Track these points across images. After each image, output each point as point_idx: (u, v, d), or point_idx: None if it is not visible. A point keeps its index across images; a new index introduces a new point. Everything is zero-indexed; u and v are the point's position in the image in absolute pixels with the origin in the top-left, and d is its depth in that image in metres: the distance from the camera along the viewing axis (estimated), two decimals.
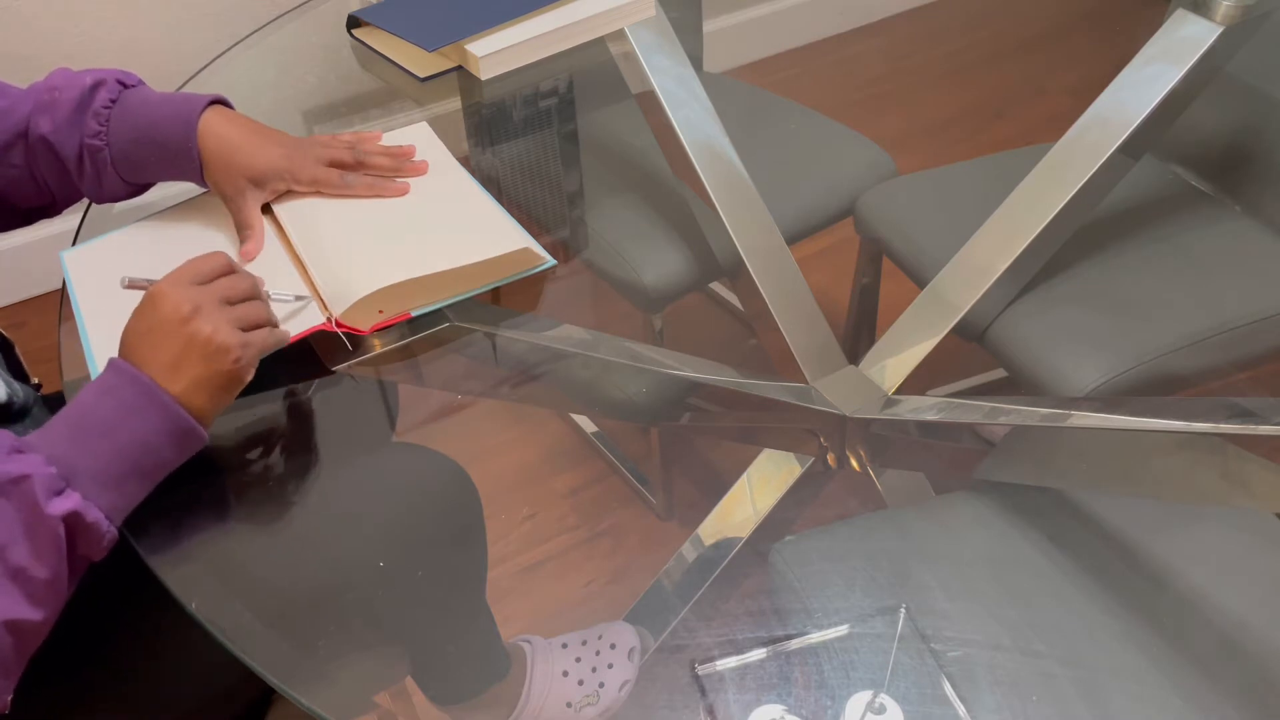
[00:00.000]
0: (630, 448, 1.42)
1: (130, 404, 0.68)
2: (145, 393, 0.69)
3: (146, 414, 0.69)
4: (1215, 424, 0.84)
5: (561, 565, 1.27)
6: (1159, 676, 0.75)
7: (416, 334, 0.90)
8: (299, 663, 0.75)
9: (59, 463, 0.64)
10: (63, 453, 0.65)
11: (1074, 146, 1.08)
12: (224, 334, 0.71)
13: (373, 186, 0.94)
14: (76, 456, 0.66)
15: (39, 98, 0.88)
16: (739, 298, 1.16)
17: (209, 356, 0.71)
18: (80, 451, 0.66)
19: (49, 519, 0.63)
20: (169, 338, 0.70)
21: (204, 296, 0.73)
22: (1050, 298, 1.09)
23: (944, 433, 0.98)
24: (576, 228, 1.24)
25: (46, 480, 0.63)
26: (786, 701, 0.70)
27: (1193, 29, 1.07)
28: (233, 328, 0.73)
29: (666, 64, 1.24)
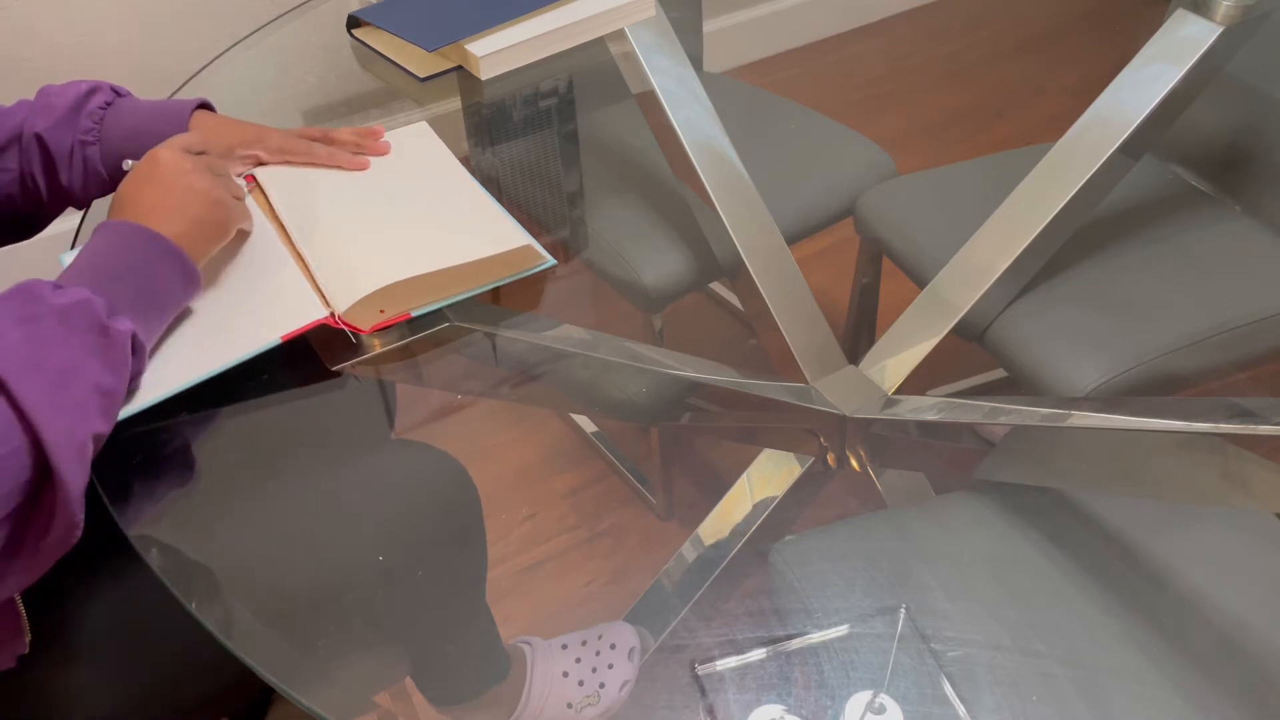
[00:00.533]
0: (630, 448, 1.42)
1: (143, 250, 0.75)
2: (154, 241, 0.76)
3: (162, 260, 0.76)
4: (1215, 424, 0.84)
5: (561, 565, 1.27)
6: (1159, 676, 0.75)
7: (416, 334, 0.90)
8: (299, 663, 0.75)
9: (101, 296, 0.70)
10: (97, 289, 0.71)
11: (1074, 146, 1.08)
12: (218, 190, 0.81)
13: (333, 155, 0.99)
14: (111, 292, 0.71)
15: (35, 104, 0.93)
16: (739, 298, 1.16)
17: (206, 205, 0.80)
18: (112, 289, 0.72)
19: (117, 333, 0.69)
20: (170, 189, 0.79)
21: (199, 160, 0.82)
22: (1050, 298, 1.09)
23: (944, 433, 0.98)
24: (576, 228, 1.24)
25: (101, 305, 0.69)
26: (786, 701, 0.70)
27: (1193, 29, 1.07)
28: (222, 188, 0.82)
29: (666, 64, 1.24)
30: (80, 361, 0.67)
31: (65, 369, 0.66)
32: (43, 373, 0.64)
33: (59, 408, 0.64)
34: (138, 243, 0.75)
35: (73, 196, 0.94)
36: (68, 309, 0.67)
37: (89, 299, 0.68)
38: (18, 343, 0.65)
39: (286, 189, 0.95)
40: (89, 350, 0.67)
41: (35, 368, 0.64)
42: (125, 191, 0.80)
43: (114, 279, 0.73)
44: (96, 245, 0.75)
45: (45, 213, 0.96)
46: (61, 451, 0.63)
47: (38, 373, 0.64)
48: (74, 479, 0.64)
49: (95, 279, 0.72)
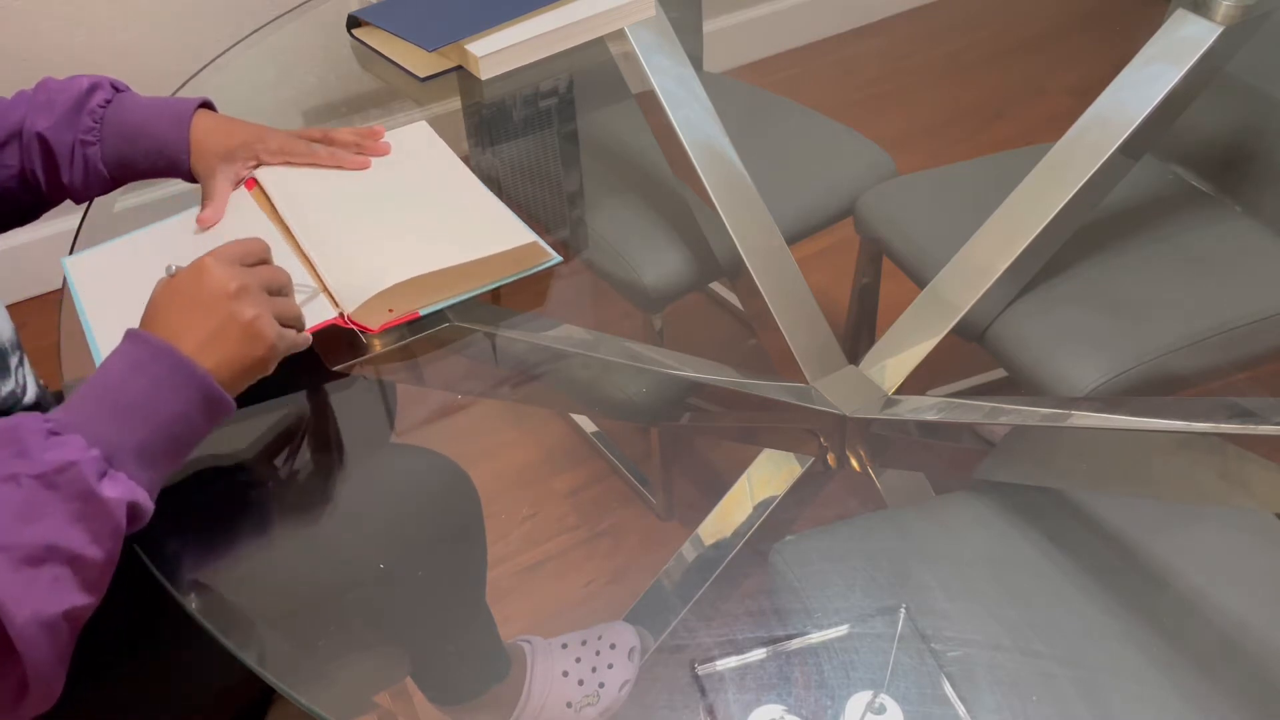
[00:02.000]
0: (630, 448, 1.42)
1: (163, 379, 0.67)
2: (178, 367, 0.67)
3: (181, 389, 0.67)
4: (1215, 424, 0.84)
5: (561, 565, 1.27)
6: (1159, 676, 0.75)
7: (416, 334, 0.90)
8: (299, 663, 0.75)
9: (100, 443, 0.63)
10: (102, 432, 0.64)
11: (1074, 146, 1.08)
12: (265, 321, 0.71)
13: (334, 155, 0.98)
14: (116, 435, 0.64)
15: (34, 99, 0.92)
16: (739, 298, 1.16)
17: (246, 339, 0.70)
18: (119, 430, 0.65)
19: (105, 502, 0.62)
20: (210, 312, 0.70)
21: (249, 279, 0.72)
22: (1050, 298, 1.09)
23: (944, 433, 0.98)
24: (576, 228, 1.24)
25: (93, 464, 0.62)
26: (786, 701, 0.70)
27: (1193, 29, 1.07)
28: (271, 317, 0.72)
29: (666, 64, 1.24)
30: (60, 533, 0.60)
31: (40, 543, 0.59)
32: (13, 551, 0.58)
33: (27, 588, 0.58)
34: (162, 370, 0.67)
35: (73, 193, 0.94)
36: (53, 474, 0.60)
37: (76, 461, 0.61)
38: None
39: (288, 189, 0.95)
40: (72, 519, 0.61)
41: (4, 542, 0.58)
42: (160, 302, 0.72)
43: (126, 414, 0.65)
44: (117, 365, 0.67)
45: (44, 204, 0.96)
46: (26, 634, 0.58)
47: (7, 548, 0.58)
48: (42, 658, 0.59)
49: (103, 414, 0.65)
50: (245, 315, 0.70)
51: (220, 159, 0.94)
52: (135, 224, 0.96)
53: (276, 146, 0.96)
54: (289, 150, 0.97)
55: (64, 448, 0.61)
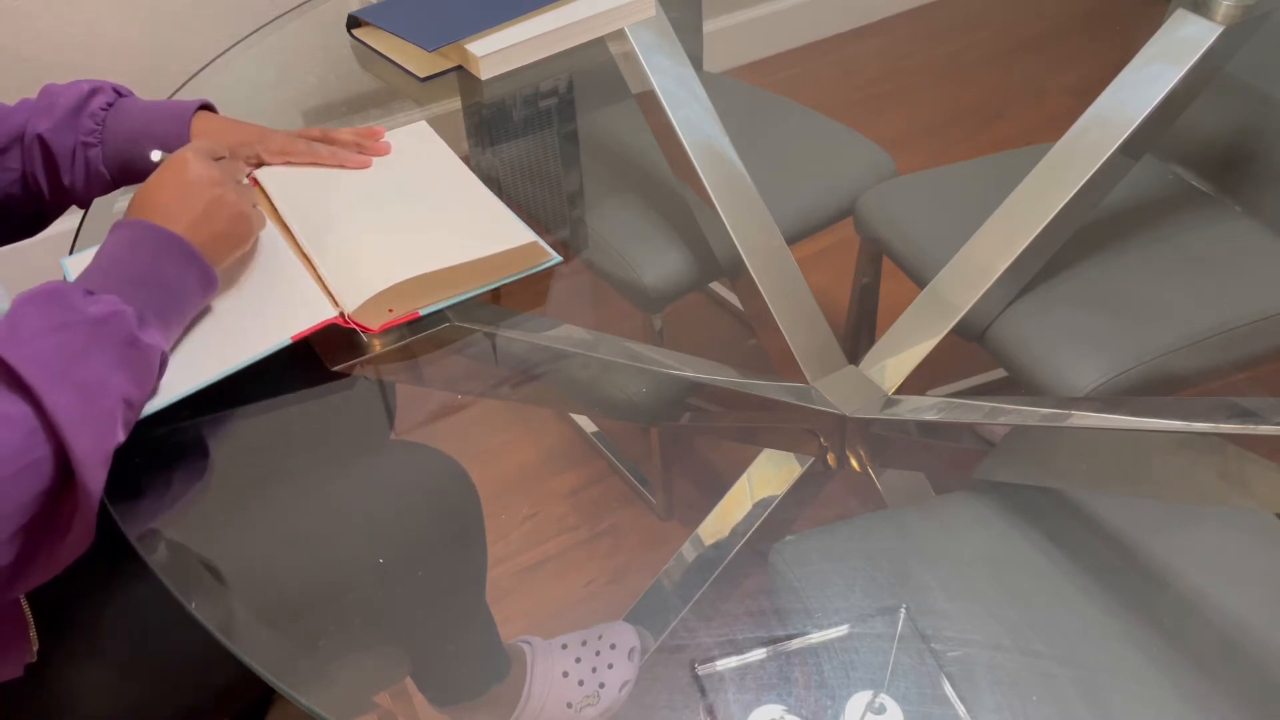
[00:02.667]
0: (630, 448, 1.42)
1: (163, 253, 0.75)
2: (173, 243, 0.75)
3: (179, 263, 0.76)
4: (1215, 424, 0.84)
5: (561, 565, 1.27)
6: (1159, 676, 0.75)
7: (416, 334, 0.90)
8: (299, 663, 0.75)
9: (130, 303, 0.70)
10: (128, 296, 0.71)
11: (1074, 146, 1.08)
12: (245, 204, 0.82)
13: (335, 155, 0.99)
14: (138, 298, 0.71)
15: (36, 104, 0.92)
16: (739, 298, 1.16)
17: (231, 219, 0.80)
18: (138, 295, 0.72)
19: (147, 347, 0.70)
20: (196, 197, 0.78)
21: (224, 170, 0.82)
22: (1050, 298, 1.09)
23: (944, 433, 0.98)
24: (576, 228, 1.24)
25: (133, 315, 0.70)
26: (786, 701, 0.70)
27: (1193, 29, 1.07)
28: (246, 201, 0.83)
29: (666, 64, 1.24)
30: (111, 374, 0.67)
31: (96, 381, 0.66)
32: (75, 384, 0.64)
33: (88, 421, 0.64)
34: (162, 246, 0.75)
35: (75, 196, 0.94)
36: (101, 320, 0.67)
37: (121, 310, 0.69)
38: (50, 352, 0.64)
39: (289, 189, 0.95)
40: (119, 362, 0.68)
41: (67, 379, 0.64)
42: (150, 192, 0.79)
43: (139, 284, 0.73)
44: (119, 246, 0.75)
45: (47, 212, 0.96)
46: (88, 465, 0.63)
47: (70, 384, 0.64)
48: (97, 491, 0.65)
49: (121, 283, 0.72)
50: (228, 198, 0.80)
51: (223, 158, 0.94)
52: None
53: (277, 146, 0.96)
54: (290, 150, 0.97)
55: (105, 302, 0.69)
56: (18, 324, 0.65)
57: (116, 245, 0.75)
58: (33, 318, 0.66)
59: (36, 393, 0.62)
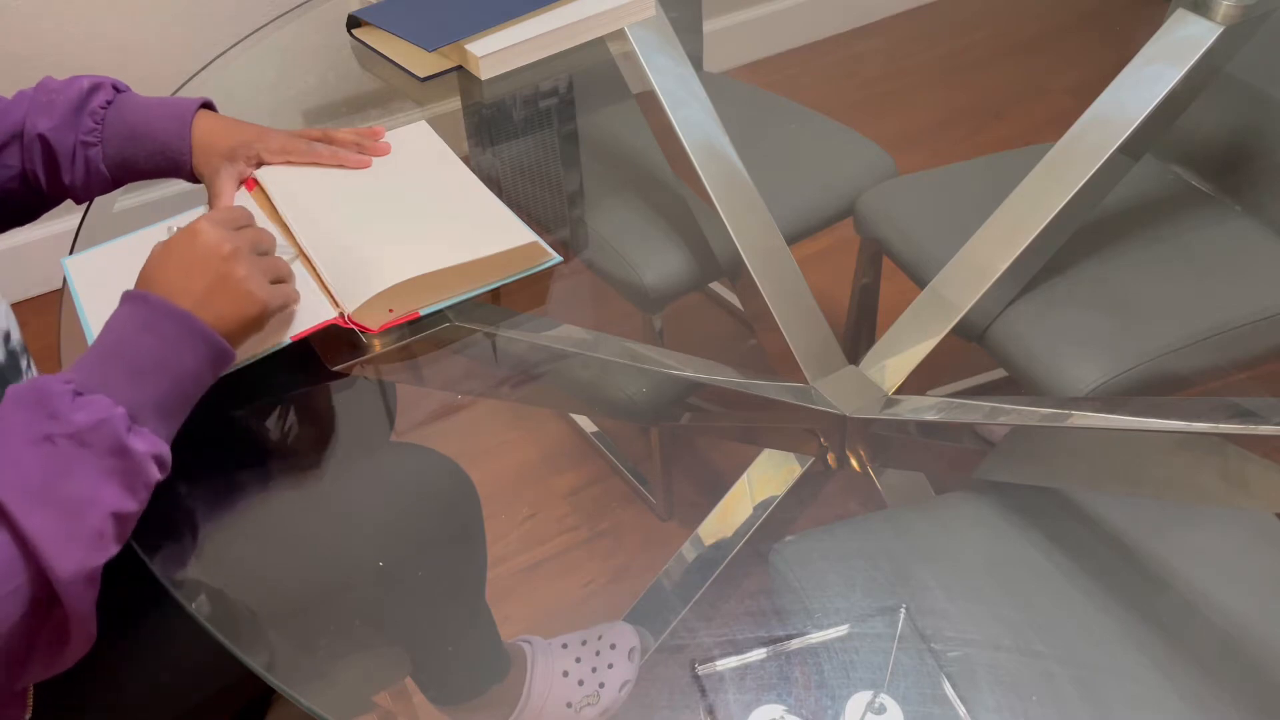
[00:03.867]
0: (630, 448, 1.42)
1: (172, 336, 0.69)
2: (185, 324, 0.70)
3: (191, 346, 0.70)
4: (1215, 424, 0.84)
5: (561, 565, 1.27)
6: (1159, 676, 0.75)
7: (417, 334, 0.90)
8: (299, 663, 0.75)
9: (124, 402, 0.66)
10: (123, 391, 0.66)
11: (1074, 146, 1.08)
12: (256, 281, 0.74)
13: (336, 155, 0.98)
14: (137, 393, 0.67)
15: (36, 99, 0.92)
16: (739, 298, 1.16)
17: (239, 298, 0.73)
18: (138, 388, 0.67)
19: (138, 455, 0.65)
20: (204, 271, 0.72)
21: (240, 240, 0.75)
22: (1050, 298, 1.09)
23: (944, 433, 0.98)
24: (576, 228, 1.24)
25: (121, 421, 0.64)
26: (786, 701, 0.70)
27: (1193, 29, 1.07)
28: (263, 277, 0.76)
29: (666, 64, 1.24)
30: (97, 488, 0.63)
31: (81, 499, 0.62)
32: (57, 504, 0.61)
33: (72, 540, 0.61)
34: (168, 327, 0.69)
35: (74, 193, 0.94)
36: (86, 431, 0.63)
37: (108, 417, 0.63)
38: (31, 469, 0.61)
39: (288, 189, 0.95)
40: (106, 474, 0.64)
41: (48, 500, 0.61)
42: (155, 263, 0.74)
43: (138, 375, 0.67)
44: (122, 327, 0.69)
45: (45, 205, 0.96)
46: (71, 588, 0.61)
47: (50, 505, 0.61)
48: (84, 608, 0.63)
49: (119, 375, 0.67)
50: (238, 274, 0.73)
51: (223, 158, 0.94)
52: (135, 224, 0.96)
53: (278, 146, 0.96)
54: (290, 150, 0.97)
55: (92, 407, 0.64)
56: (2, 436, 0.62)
57: (120, 325, 0.70)
58: (16, 428, 0.62)
59: (13, 518, 0.59)
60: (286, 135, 0.98)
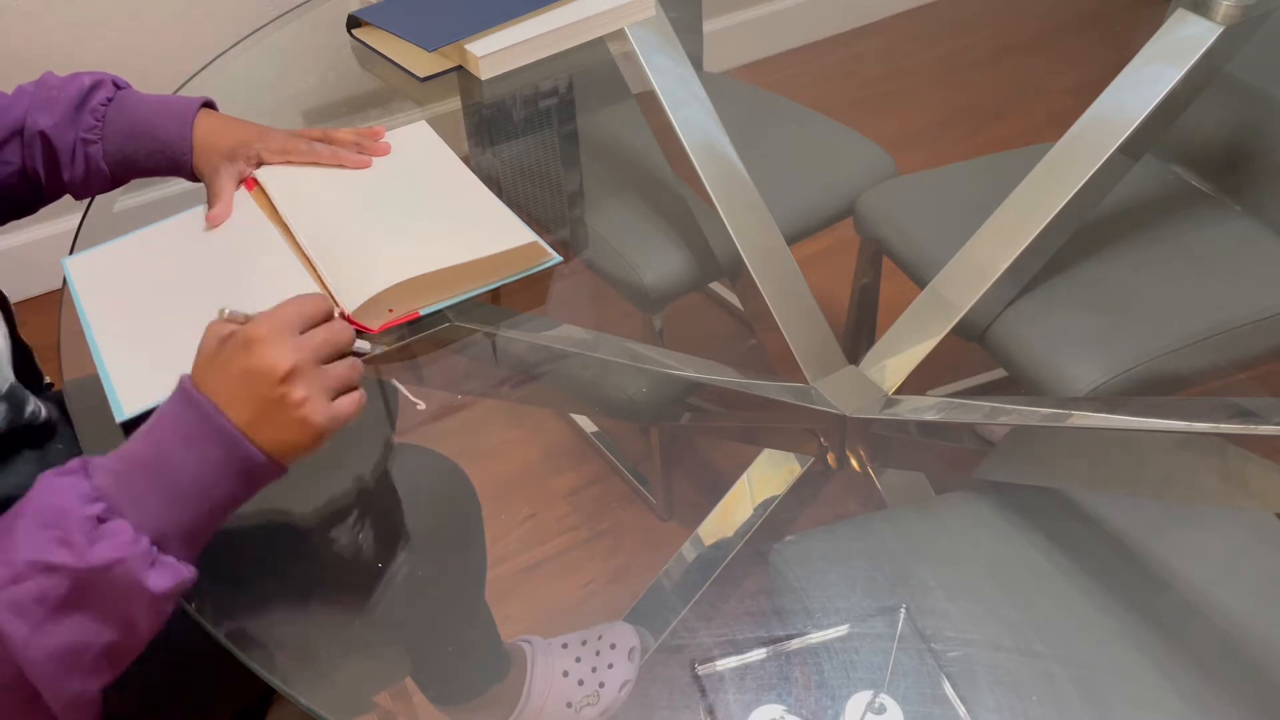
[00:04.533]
0: (630, 448, 1.42)
1: (217, 460, 0.64)
2: (233, 448, 0.64)
3: (235, 474, 0.65)
4: (1215, 424, 0.84)
5: (561, 565, 1.27)
6: (1159, 676, 0.75)
7: (417, 334, 0.90)
8: (299, 663, 0.75)
9: (149, 528, 0.61)
10: (151, 514, 0.61)
11: (1074, 146, 1.08)
12: (313, 406, 0.65)
13: (336, 155, 0.98)
14: (166, 517, 0.62)
15: (36, 95, 0.92)
16: (739, 298, 1.16)
17: (293, 425, 0.65)
18: (169, 512, 0.62)
19: (154, 596, 0.61)
20: (257, 392, 0.64)
21: (303, 354, 0.66)
22: (1050, 298, 1.09)
23: (944, 433, 0.98)
24: (576, 228, 1.24)
25: (142, 558, 0.60)
26: (786, 701, 0.70)
27: (1193, 29, 1.07)
28: (325, 400, 0.67)
29: (666, 64, 1.24)
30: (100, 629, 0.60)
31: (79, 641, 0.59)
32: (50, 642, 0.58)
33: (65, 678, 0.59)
34: (216, 454, 0.63)
35: (73, 190, 0.94)
36: (101, 570, 0.58)
37: (124, 559, 0.59)
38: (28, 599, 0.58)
39: (289, 189, 0.95)
40: (114, 613, 0.60)
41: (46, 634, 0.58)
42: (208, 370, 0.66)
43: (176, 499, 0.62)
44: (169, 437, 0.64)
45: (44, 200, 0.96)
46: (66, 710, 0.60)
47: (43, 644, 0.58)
48: None
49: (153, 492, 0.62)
50: (295, 397, 0.64)
51: (223, 158, 0.94)
52: (135, 224, 0.97)
53: (278, 146, 0.96)
54: (291, 149, 0.97)
55: (112, 540, 0.59)
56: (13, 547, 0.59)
57: (168, 431, 0.64)
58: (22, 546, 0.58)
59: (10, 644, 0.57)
60: (286, 135, 0.97)
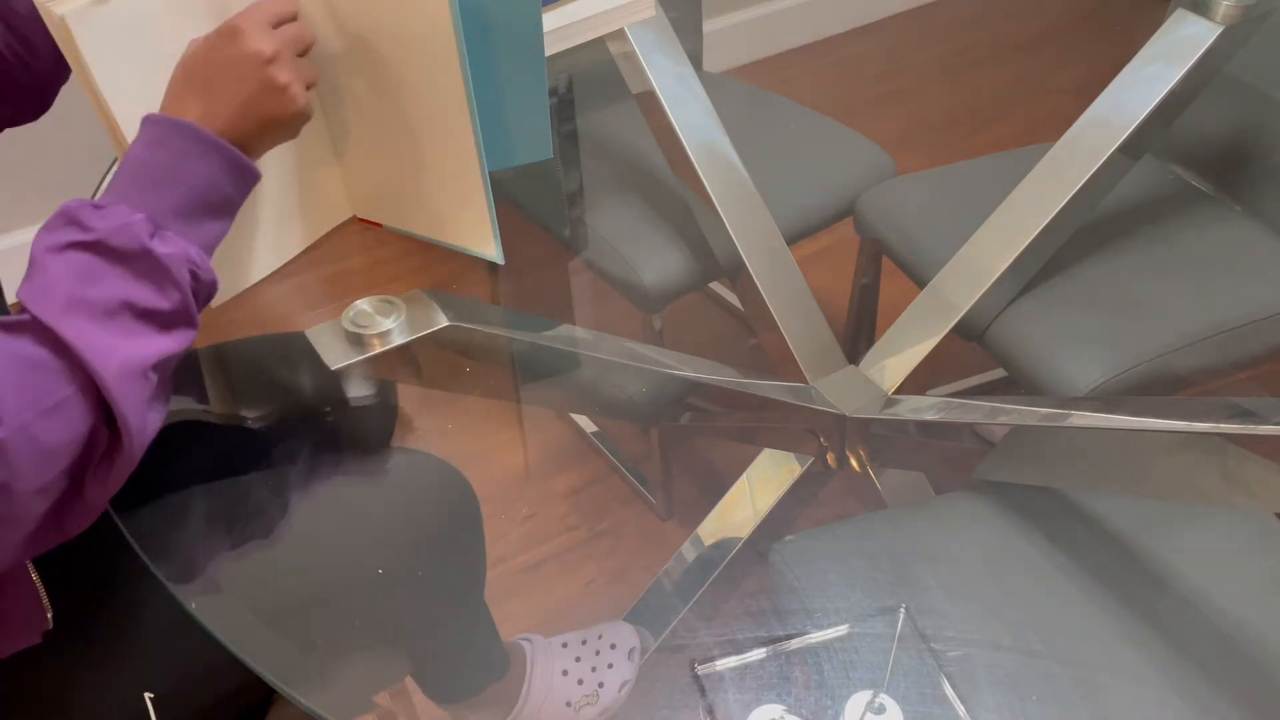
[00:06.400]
0: (630, 448, 1.42)
1: (184, 149, 0.69)
2: (195, 137, 0.70)
3: (204, 156, 0.70)
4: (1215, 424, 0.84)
5: (561, 565, 1.27)
6: (1159, 676, 0.75)
7: (417, 334, 0.90)
8: (299, 663, 0.75)
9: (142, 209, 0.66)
10: (140, 201, 0.67)
11: (1074, 146, 1.08)
12: (297, 87, 0.74)
13: None
14: (154, 202, 0.67)
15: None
16: (739, 298, 1.16)
17: (281, 103, 0.73)
18: (155, 197, 0.67)
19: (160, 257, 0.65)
20: (246, 77, 0.72)
21: (283, 43, 0.73)
22: (1050, 298, 1.09)
23: (944, 433, 0.98)
24: (576, 227, 1.24)
25: (142, 225, 0.65)
26: (786, 701, 0.70)
27: (1193, 29, 1.07)
28: (303, 81, 0.75)
29: (666, 64, 1.24)
30: (127, 290, 0.64)
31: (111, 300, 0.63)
32: (88, 308, 0.62)
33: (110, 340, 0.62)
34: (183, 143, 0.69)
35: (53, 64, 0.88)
36: (107, 236, 0.64)
37: (128, 223, 0.64)
38: (58, 278, 0.62)
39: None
40: (135, 276, 0.64)
41: (79, 304, 0.62)
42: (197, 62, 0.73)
43: (156, 185, 0.68)
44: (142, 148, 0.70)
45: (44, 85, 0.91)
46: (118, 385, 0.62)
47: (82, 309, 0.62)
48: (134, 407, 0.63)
49: (136, 188, 0.68)
50: (280, 79, 0.72)
51: None
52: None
53: None
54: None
55: (112, 215, 0.64)
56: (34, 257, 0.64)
57: (139, 147, 0.70)
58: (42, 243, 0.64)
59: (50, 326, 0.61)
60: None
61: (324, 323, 0.89)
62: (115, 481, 0.65)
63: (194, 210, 0.69)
